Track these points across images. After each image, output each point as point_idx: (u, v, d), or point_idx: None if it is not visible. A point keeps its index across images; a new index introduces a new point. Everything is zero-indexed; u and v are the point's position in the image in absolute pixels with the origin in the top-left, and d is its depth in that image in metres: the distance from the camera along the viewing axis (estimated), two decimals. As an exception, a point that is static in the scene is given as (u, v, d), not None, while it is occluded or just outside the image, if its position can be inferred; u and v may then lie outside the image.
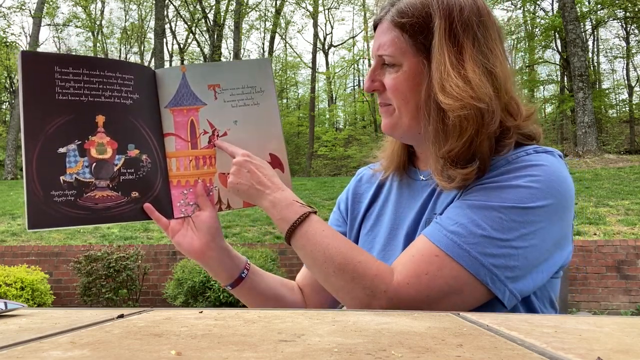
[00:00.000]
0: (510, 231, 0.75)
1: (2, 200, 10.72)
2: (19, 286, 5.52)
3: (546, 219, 0.77)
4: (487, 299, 0.77)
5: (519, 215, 0.75)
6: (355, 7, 29.24)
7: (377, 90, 0.91)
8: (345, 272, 0.78)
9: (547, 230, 0.77)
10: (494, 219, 0.75)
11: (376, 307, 0.76)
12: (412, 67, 0.86)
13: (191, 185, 0.96)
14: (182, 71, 0.97)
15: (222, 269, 0.98)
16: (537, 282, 0.79)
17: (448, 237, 0.76)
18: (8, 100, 25.51)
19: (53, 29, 28.12)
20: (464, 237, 0.75)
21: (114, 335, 0.47)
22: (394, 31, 0.87)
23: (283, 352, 0.39)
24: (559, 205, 0.79)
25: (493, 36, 0.85)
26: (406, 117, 0.88)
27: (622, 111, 23.04)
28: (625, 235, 6.98)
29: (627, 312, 6.21)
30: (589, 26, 21.38)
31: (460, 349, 0.41)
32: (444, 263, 0.75)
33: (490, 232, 0.75)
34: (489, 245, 0.74)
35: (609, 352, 0.40)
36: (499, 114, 0.81)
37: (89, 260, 6.32)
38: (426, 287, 0.75)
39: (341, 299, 0.81)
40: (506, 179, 0.79)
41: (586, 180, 9.99)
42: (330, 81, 27.40)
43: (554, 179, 0.79)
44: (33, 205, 0.81)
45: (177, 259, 6.89)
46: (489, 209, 0.76)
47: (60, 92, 0.85)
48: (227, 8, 23.28)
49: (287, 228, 0.85)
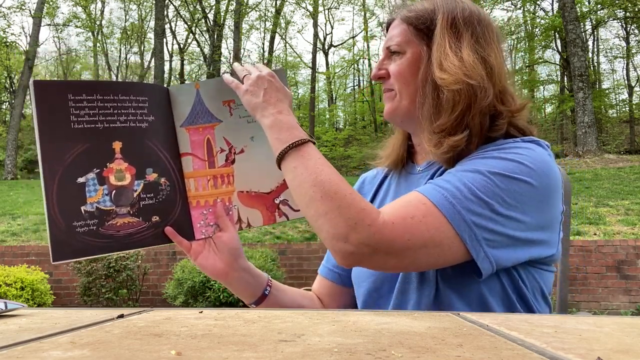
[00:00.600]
0: (494, 196, 0.77)
1: (2, 200, 10.72)
2: (19, 286, 5.52)
3: (529, 197, 0.79)
4: (463, 259, 0.78)
5: (503, 182, 0.78)
6: (355, 7, 29.23)
7: (382, 77, 0.98)
8: (333, 199, 0.77)
9: (528, 208, 0.79)
10: (480, 181, 0.78)
11: (353, 240, 0.75)
12: (415, 53, 0.93)
13: (210, 205, 0.95)
14: (196, 88, 0.96)
15: (245, 288, 0.99)
16: (512, 258, 0.80)
17: (436, 189, 0.79)
18: (8, 100, 25.50)
19: (53, 29, 28.14)
20: (451, 192, 0.78)
21: (114, 335, 0.47)
22: (402, 25, 0.96)
23: (283, 352, 0.39)
24: (543, 190, 0.81)
25: (491, 35, 0.92)
26: (406, 99, 0.94)
27: (622, 111, 23.04)
28: (625, 235, 6.98)
29: (627, 312, 6.21)
30: (589, 26, 21.39)
31: (460, 349, 0.41)
32: (429, 211, 0.77)
33: (475, 192, 0.77)
34: (472, 203, 0.77)
35: (609, 352, 0.40)
36: (491, 92, 0.86)
37: (89, 260, 6.32)
38: (409, 230, 0.75)
39: (319, 225, 0.79)
40: (495, 154, 0.83)
41: (586, 180, 9.99)
42: (330, 81, 27.40)
43: (540, 164, 0.82)
44: (55, 237, 0.81)
45: (177, 259, 6.89)
46: (476, 172, 0.80)
47: (75, 121, 0.84)
48: (227, 8, 23.28)
49: (282, 148, 0.85)
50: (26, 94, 17.91)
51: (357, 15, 33.10)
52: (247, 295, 1.00)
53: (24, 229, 8.42)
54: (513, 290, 0.84)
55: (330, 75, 26.80)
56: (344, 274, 1.08)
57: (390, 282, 0.92)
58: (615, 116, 22.87)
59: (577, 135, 13.76)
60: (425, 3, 0.96)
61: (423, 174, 0.97)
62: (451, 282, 0.84)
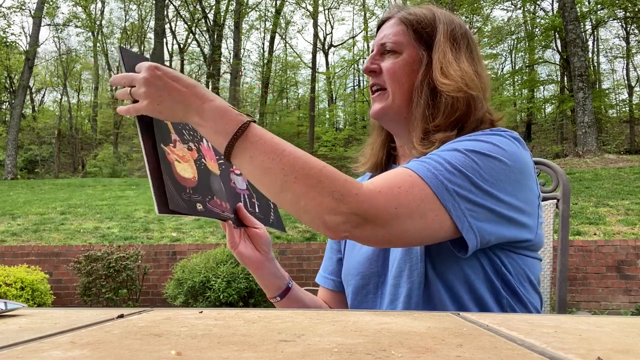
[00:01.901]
0: (473, 171, 0.79)
1: (2, 200, 10.72)
2: (19, 286, 5.52)
3: (505, 175, 0.81)
4: (449, 232, 0.78)
5: (480, 159, 0.80)
6: (355, 7, 29.24)
7: (374, 71, 0.99)
8: (309, 176, 0.72)
9: (504, 186, 0.81)
10: (459, 157, 0.80)
11: (343, 209, 0.72)
12: (411, 55, 0.96)
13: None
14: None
15: (274, 278, 1.04)
16: (495, 233, 0.80)
17: (421, 164, 0.80)
18: (8, 100, 25.50)
19: (53, 29, 28.11)
20: (433, 165, 0.79)
21: (114, 335, 0.47)
22: (400, 25, 0.98)
23: (283, 352, 0.39)
24: (517, 171, 0.83)
25: (478, 53, 1.00)
26: (398, 99, 0.96)
27: (622, 111, 23.04)
28: (625, 235, 6.98)
29: (627, 312, 6.21)
30: (589, 26, 21.39)
31: (460, 349, 0.41)
32: (415, 182, 0.77)
33: (456, 166, 0.79)
34: (453, 176, 0.78)
35: (609, 352, 0.40)
36: (484, 105, 0.94)
37: (89, 260, 6.32)
38: (397, 199, 0.75)
39: (302, 207, 0.73)
40: (470, 138, 0.86)
41: (586, 180, 9.99)
42: (330, 81, 27.39)
43: (510, 146, 0.85)
44: (160, 191, 0.79)
45: (177, 259, 6.89)
46: (455, 150, 0.82)
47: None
48: (227, 8, 23.29)
49: (226, 142, 0.75)
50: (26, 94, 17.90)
51: (357, 15, 33.12)
52: (274, 287, 1.04)
53: (24, 229, 8.42)
54: (495, 274, 0.86)
55: (330, 75, 26.79)
56: (337, 280, 1.12)
57: (378, 277, 0.95)
58: (615, 116, 22.87)
59: (577, 135, 13.77)
60: (424, 10, 0.99)
61: None
62: (437, 266, 0.86)
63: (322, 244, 7.11)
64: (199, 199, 0.86)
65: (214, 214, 0.89)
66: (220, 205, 0.92)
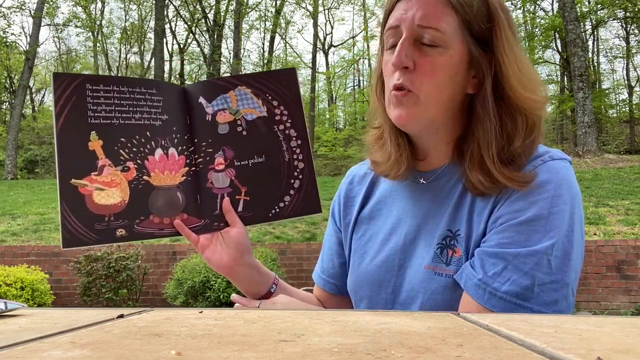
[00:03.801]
0: (559, 269, 0.72)
1: (2, 200, 10.72)
2: (19, 286, 5.52)
3: (579, 228, 0.76)
4: None
5: (565, 243, 0.72)
6: (355, 7, 29.30)
7: (408, 67, 0.77)
8: None
9: (578, 236, 0.76)
10: (542, 263, 0.71)
11: None
12: (459, 52, 0.76)
13: None
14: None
15: (250, 284, 0.97)
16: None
17: (504, 299, 0.72)
18: (8, 100, 25.51)
19: (53, 29, 28.12)
20: (521, 296, 0.71)
21: (114, 335, 0.47)
22: (446, 7, 0.74)
23: (283, 352, 0.39)
24: (580, 213, 0.77)
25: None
26: (435, 107, 0.78)
27: (622, 111, 23.04)
28: (625, 235, 6.97)
29: (627, 312, 6.21)
30: (589, 26, 21.39)
31: (460, 349, 0.41)
32: None
33: (543, 279, 0.71)
34: (545, 293, 0.72)
35: (609, 352, 0.40)
36: None
37: (89, 260, 6.32)
38: None
39: None
40: (537, 206, 0.74)
41: (586, 180, 9.99)
42: (330, 81, 27.39)
43: (572, 188, 0.76)
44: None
45: (177, 259, 6.89)
46: (535, 254, 0.72)
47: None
48: (227, 8, 23.28)
49: None
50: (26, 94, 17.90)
51: (357, 15, 33.16)
52: (251, 291, 0.98)
53: (24, 229, 8.42)
54: None
55: (330, 75, 26.79)
56: (339, 284, 1.05)
57: (387, 288, 0.89)
58: (615, 116, 22.87)
59: (577, 135, 13.76)
60: None
61: (429, 186, 0.88)
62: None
63: (322, 244, 7.10)
64: (123, 223, 0.83)
65: (143, 235, 0.85)
66: (158, 223, 0.86)
